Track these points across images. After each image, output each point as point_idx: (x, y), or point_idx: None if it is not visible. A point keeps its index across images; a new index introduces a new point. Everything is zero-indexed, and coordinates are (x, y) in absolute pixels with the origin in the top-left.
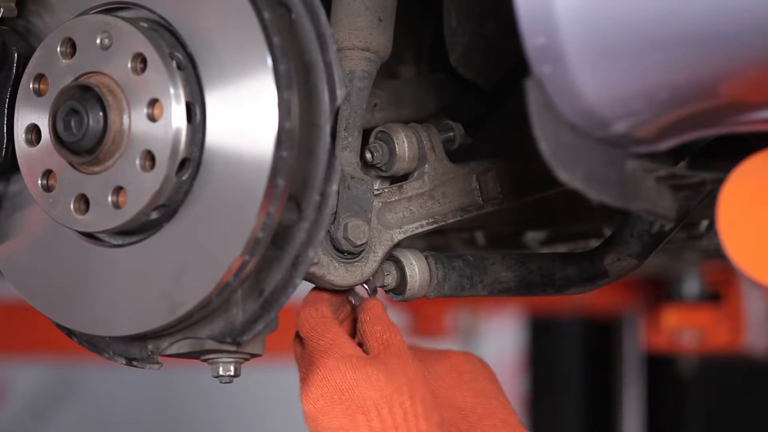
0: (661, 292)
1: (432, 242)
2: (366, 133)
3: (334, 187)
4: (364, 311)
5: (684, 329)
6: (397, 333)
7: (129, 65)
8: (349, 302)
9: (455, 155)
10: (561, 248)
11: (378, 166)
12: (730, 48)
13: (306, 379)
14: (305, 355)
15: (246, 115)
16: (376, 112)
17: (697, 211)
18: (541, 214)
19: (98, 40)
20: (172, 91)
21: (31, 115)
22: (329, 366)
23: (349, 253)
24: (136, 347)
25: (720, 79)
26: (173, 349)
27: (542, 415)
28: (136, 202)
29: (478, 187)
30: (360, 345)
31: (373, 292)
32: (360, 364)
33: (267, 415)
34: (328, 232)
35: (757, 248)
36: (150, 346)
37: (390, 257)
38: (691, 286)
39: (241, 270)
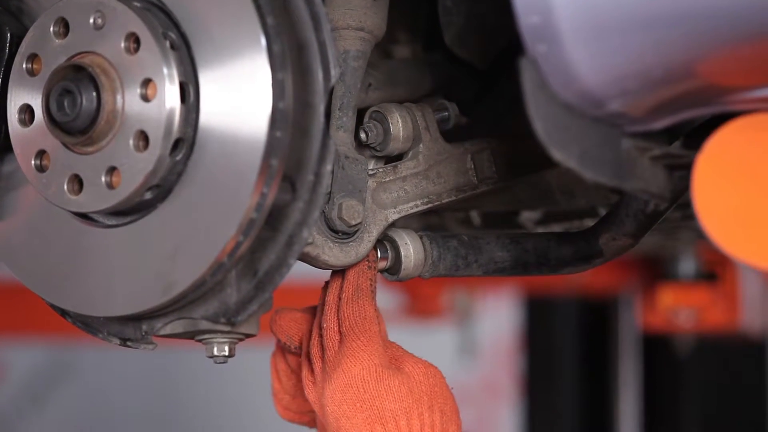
0: (657, 271)
1: (427, 222)
2: (360, 113)
3: (329, 167)
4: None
5: (680, 309)
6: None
7: (122, 45)
8: None
9: (450, 135)
10: (556, 228)
11: (372, 146)
12: (724, 26)
13: (331, 378)
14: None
15: (240, 95)
16: (370, 92)
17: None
18: (536, 193)
19: (91, 20)
20: (165, 71)
21: (24, 95)
22: (354, 373)
23: (343, 233)
24: (131, 328)
25: (714, 57)
26: (167, 330)
27: (539, 395)
28: (129, 183)
29: (473, 166)
30: None
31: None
32: (385, 375)
33: (262, 395)
34: (323, 212)
35: (733, 221)
36: (144, 327)
37: (385, 237)
38: (687, 265)
39: (235, 250)
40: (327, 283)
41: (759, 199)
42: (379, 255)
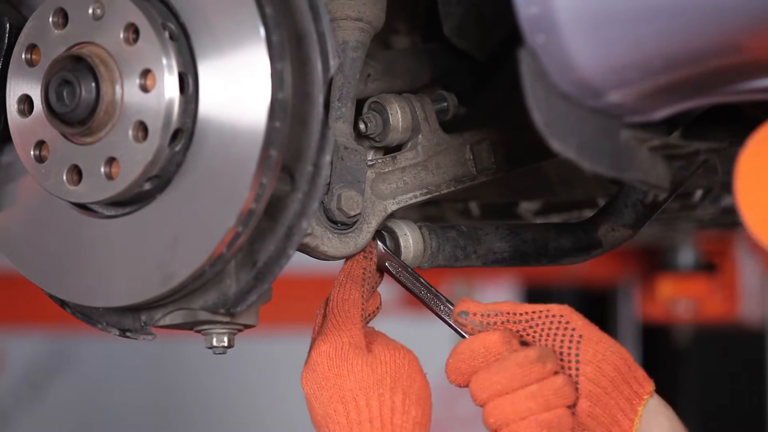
0: (655, 262)
1: (426, 213)
2: (359, 104)
3: (328, 158)
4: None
5: (679, 299)
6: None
7: (121, 35)
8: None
9: (449, 126)
10: (555, 218)
11: (371, 136)
12: (723, 15)
13: (307, 357)
14: (318, 327)
15: (239, 86)
16: (369, 83)
17: (690, 180)
18: (535, 184)
19: (90, 11)
20: (164, 61)
21: (23, 86)
22: (321, 351)
23: (342, 224)
24: (129, 318)
25: (713, 47)
26: (166, 320)
27: None
28: (128, 173)
29: (471, 157)
30: None
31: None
32: (349, 353)
33: (262, 385)
34: (322, 202)
35: None
36: (143, 317)
37: (384, 228)
38: (686, 256)
39: (234, 241)
40: None
41: None
42: (379, 246)
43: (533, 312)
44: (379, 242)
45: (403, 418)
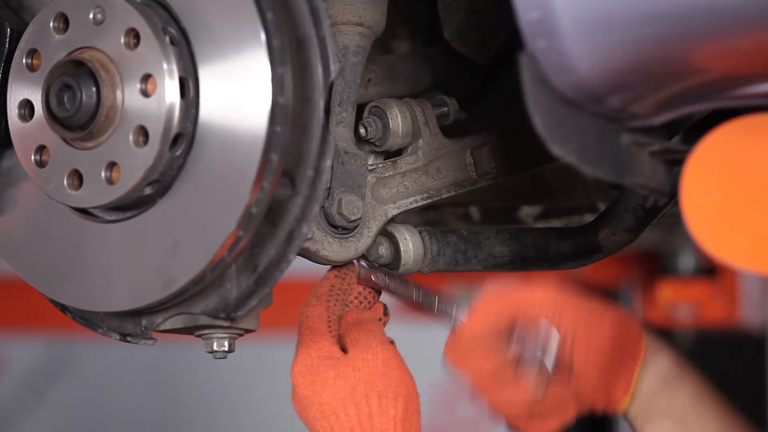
0: (656, 266)
1: (426, 217)
2: (360, 108)
3: (328, 162)
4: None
5: (679, 304)
6: (371, 320)
7: (122, 40)
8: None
9: (449, 130)
10: (555, 223)
11: (372, 141)
12: (723, 21)
13: (313, 371)
14: None
15: (240, 91)
16: (370, 87)
17: None
18: (536, 188)
19: (91, 15)
20: (165, 66)
21: (24, 91)
22: (296, 371)
23: (343, 229)
24: (130, 323)
25: (713, 52)
26: (167, 325)
27: None
28: (129, 178)
29: (472, 162)
30: None
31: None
32: (320, 368)
33: (262, 390)
34: (322, 207)
35: (719, 224)
36: (144, 322)
37: (384, 232)
38: (687, 260)
39: (234, 245)
40: None
41: (746, 202)
42: (360, 264)
43: (525, 303)
44: (356, 262)
45: (382, 419)
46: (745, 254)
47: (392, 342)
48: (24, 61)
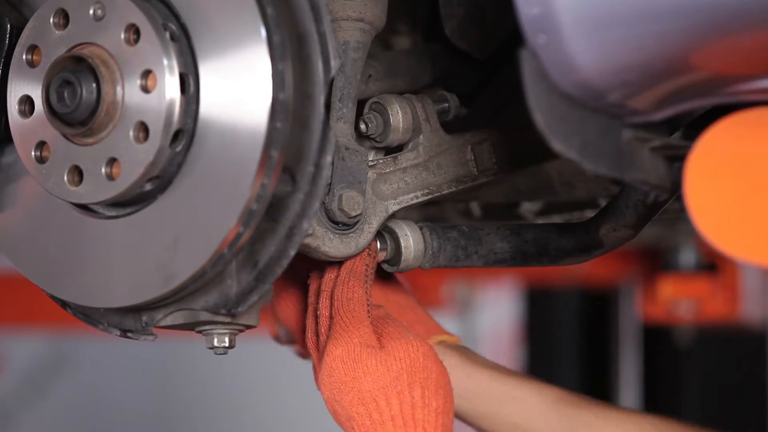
0: (657, 262)
1: (427, 213)
2: (360, 104)
3: (329, 158)
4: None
5: (680, 299)
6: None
7: (122, 36)
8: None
9: (450, 126)
10: (556, 219)
11: (372, 137)
12: (725, 17)
13: (321, 363)
14: (326, 330)
15: (240, 87)
16: (370, 83)
17: None
18: (536, 184)
19: (91, 11)
20: (165, 62)
21: (24, 87)
22: (335, 355)
23: (343, 225)
24: (131, 319)
25: (715, 49)
26: (168, 321)
27: None
28: (129, 174)
29: (473, 158)
30: None
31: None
32: (363, 355)
33: (262, 386)
34: (323, 203)
35: (724, 217)
36: (144, 318)
37: (384, 228)
38: (687, 256)
39: (235, 241)
40: (313, 272)
41: (751, 195)
42: (379, 246)
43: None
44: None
45: (424, 411)
46: (752, 247)
47: None
48: (24, 57)
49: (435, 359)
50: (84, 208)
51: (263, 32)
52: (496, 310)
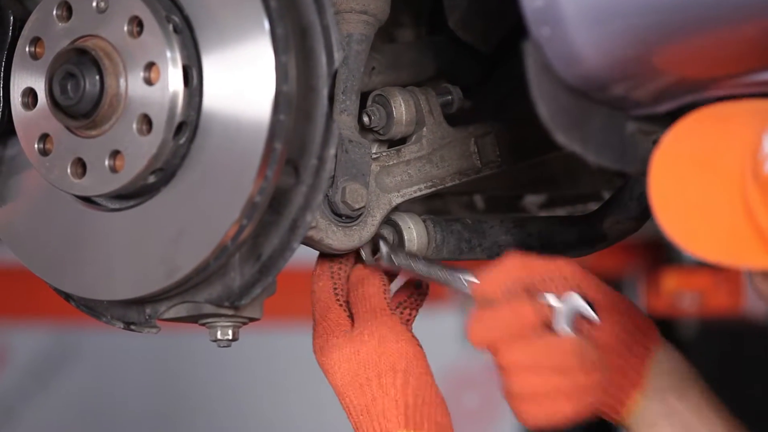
0: (660, 255)
1: (430, 206)
2: (364, 97)
3: (332, 151)
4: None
5: (684, 292)
6: (375, 294)
7: (125, 28)
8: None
9: (453, 119)
10: (560, 211)
11: (376, 129)
12: (726, 9)
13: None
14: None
15: (243, 79)
16: (373, 76)
17: None
18: (540, 177)
19: (94, 3)
20: (168, 54)
21: (27, 79)
22: (314, 350)
23: (347, 217)
24: (134, 311)
25: (716, 41)
26: (171, 313)
27: None
28: (133, 166)
29: (476, 150)
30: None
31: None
32: (327, 348)
33: (266, 378)
34: (326, 195)
35: (687, 216)
36: (148, 310)
37: (388, 221)
38: None
39: (238, 234)
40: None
41: (713, 193)
42: (382, 248)
43: (547, 273)
44: (383, 246)
45: (384, 401)
46: (714, 246)
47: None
48: (27, 49)
49: (393, 338)
50: (87, 200)
51: (266, 24)
52: None
